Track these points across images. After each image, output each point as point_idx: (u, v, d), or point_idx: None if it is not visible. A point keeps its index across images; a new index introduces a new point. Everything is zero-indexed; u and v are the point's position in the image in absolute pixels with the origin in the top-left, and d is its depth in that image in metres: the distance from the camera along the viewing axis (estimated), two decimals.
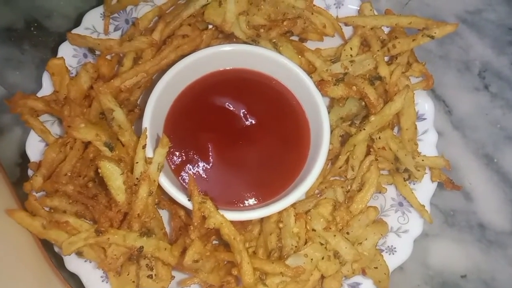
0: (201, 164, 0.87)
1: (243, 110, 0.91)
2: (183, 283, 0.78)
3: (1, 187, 0.77)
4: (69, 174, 0.79)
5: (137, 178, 0.79)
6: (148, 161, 0.80)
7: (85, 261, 0.78)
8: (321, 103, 0.88)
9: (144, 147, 0.80)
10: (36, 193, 0.79)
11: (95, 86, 0.86)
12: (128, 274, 0.76)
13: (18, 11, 1.11)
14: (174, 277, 0.79)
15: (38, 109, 0.84)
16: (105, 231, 0.73)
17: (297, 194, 0.82)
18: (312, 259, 0.77)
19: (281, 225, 0.82)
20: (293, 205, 0.83)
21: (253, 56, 0.92)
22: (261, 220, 0.85)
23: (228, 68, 0.94)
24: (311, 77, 0.90)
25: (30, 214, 0.75)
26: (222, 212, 0.77)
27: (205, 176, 0.87)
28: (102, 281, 0.78)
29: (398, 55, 0.93)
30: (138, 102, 0.95)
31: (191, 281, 0.77)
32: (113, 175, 0.76)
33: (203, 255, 0.72)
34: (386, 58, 0.93)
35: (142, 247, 0.74)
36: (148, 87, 0.95)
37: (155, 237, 0.76)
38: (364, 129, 0.86)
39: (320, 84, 0.91)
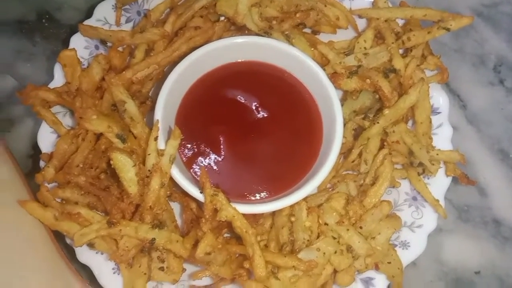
0: (212, 156, 0.87)
1: (255, 103, 0.90)
2: (194, 276, 0.77)
3: (14, 178, 0.77)
4: (81, 166, 0.79)
5: (149, 170, 0.78)
6: (160, 153, 0.79)
7: (96, 252, 0.78)
8: (334, 96, 0.86)
9: (156, 139, 0.80)
10: (48, 184, 0.79)
11: (107, 78, 0.85)
12: (140, 266, 0.75)
13: (30, 3, 1.11)
14: (185, 269, 0.78)
15: (49, 100, 0.84)
16: (117, 223, 0.73)
17: (310, 187, 0.81)
18: (324, 253, 0.76)
19: (293, 218, 0.81)
20: (305, 199, 0.82)
21: (266, 48, 0.91)
22: (273, 214, 0.84)
23: (240, 60, 0.93)
24: (324, 70, 0.89)
25: (42, 205, 0.75)
26: (234, 205, 0.77)
27: (217, 169, 0.86)
28: (114, 273, 0.78)
29: (412, 48, 0.91)
30: (150, 94, 0.95)
31: (203, 273, 0.77)
32: (125, 166, 0.76)
33: (215, 248, 0.72)
34: (400, 51, 0.92)
35: (154, 239, 0.73)
36: (160, 79, 0.95)
37: (167, 229, 0.76)
38: (378, 123, 0.85)
39: (333, 77, 0.90)
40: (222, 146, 0.87)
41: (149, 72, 0.90)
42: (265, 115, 0.90)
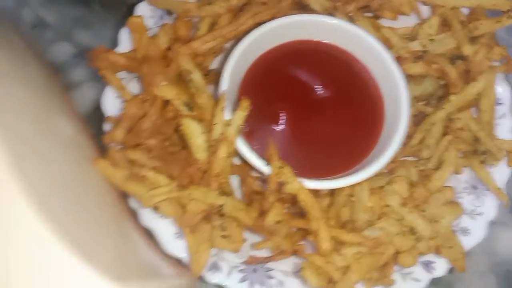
0: (272, 132, 0.87)
1: (316, 83, 0.90)
2: (256, 246, 0.77)
3: (81, 137, 0.78)
4: (149, 131, 0.79)
5: (215, 140, 0.79)
6: (226, 124, 0.79)
7: (160, 217, 0.78)
8: (400, 79, 0.86)
9: (223, 109, 0.80)
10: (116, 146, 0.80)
11: (175, 47, 0.86)
12: (203, 233, 0.75)
13: None
14: (246, 239, 0.79)
15: (119, 64, 0.84)
16: (187, 186, 0.73)
17: (374, 168, 0.80)
18: (388, 233, 0.76)
19: (353, 198, 0.81)
20: (365, 180, 0.82)
21: (330, 28, 0.91)
22: (331, 193, 0.84)
23: (304, 39, 0.93)
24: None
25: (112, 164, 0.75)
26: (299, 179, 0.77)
27: (276, 145, 0.86)
28: (177, 237, 0.78)
29: (479, 37, 0.91)
30: (210, 68, 0.95)
31: (264, 244, 0.77)
32: (195, 133, 0.77)
33: (283, 217, 0.72)
34: None
35: (222, 205, 0.74)
36: (219, 54, 0.95)
37: (232, 197, 0.76)
38: (443, 108, 0.85)
39: (398, 61, 0.89)
40: (281, 123, 0.87)
41: (214, 45, 0.91)
42: (326, 95, 0.90)
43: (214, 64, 0.96)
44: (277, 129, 0.87)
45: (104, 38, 1.06)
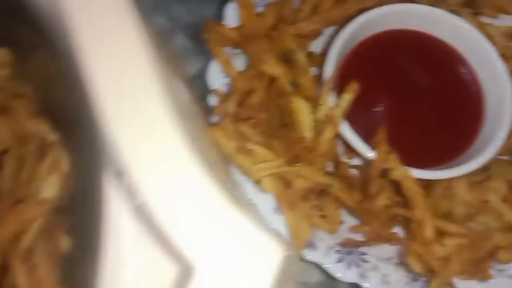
0: (370, 118, 0.87)
1: (416, 73, 0.90)
2: (355, 228, 0.78)
3: (194, 106, 0.80)
4: (257, 106, 0.80)
5: (319, 121, 0.79)
6: (331, 106, 0.80)
7: (259, 191, 0.80)
8: (506, 77, 0.85)
9: (329, 91, 0.81)
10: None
11: (281, 26, 0.87)
12: (301, 211, 0.77)
13: None
14: (343, 222, 0.80)
15: (229, 38, 0.85)
16: (292, 163, 0.74)
17: (474, 165, 0.80)
18: (488, 228, 0.76)
19: (451, 191, 0.81)
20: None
21: (434, 19, 0.91)
22: (425, 185, 0.84)
23: (407, 28, 0.93)
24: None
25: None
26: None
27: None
28: (274, 212, 0.79)
29: None
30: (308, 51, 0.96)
31: (361, 228, 0.78)
32: (304, 111, 0.78)
33: (393, 202, 0.73)
34: None
35: (327, 185, 0.75)
36: (318, 37, 0.96)
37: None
38: None
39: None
40: (380, 110, 0.88)
41: (317, 27, 0.91)
42: (426, 87, 0.90)
43: (311, 47, 0.97)
44: (375, 116, 0.87)
45: (199, 14, 1.07)
